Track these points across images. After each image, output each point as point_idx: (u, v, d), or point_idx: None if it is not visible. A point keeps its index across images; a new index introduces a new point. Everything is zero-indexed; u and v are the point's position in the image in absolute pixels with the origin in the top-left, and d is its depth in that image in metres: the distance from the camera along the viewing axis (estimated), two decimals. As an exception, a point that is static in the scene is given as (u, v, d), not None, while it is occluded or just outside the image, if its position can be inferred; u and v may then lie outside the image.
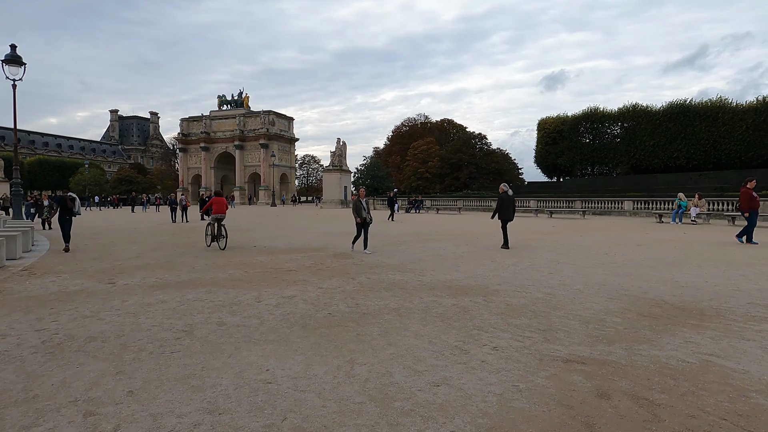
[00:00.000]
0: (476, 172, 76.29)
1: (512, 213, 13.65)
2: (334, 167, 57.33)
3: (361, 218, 12.91)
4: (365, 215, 12.96)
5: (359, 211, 12.96)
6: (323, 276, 9.40)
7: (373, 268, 10.41)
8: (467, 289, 7.95)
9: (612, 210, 31.59)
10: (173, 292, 7.91)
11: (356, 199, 13.18)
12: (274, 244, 15.63)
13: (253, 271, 10.20)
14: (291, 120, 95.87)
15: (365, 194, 13.46)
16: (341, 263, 11.17)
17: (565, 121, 55.13)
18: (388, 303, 6.93)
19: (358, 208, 13.00)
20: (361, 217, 12.92)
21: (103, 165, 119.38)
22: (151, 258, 12.46)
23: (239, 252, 13.62)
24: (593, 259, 11.46)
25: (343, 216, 36.40)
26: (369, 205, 13.34)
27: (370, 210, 13.33)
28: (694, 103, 49.51)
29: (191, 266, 10.94)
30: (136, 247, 15.14)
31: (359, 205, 13.01)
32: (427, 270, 10.01)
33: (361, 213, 12.91)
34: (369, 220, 13.06)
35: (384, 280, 8.88)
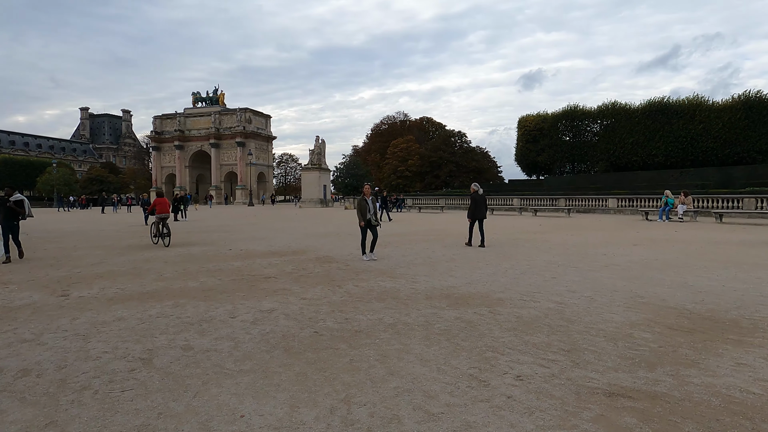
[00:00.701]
0: (456, 170, 75.93)
1: (484, 211, 14.12)
2: (314, 165, 56.18)
3: (365, 220, 11.49)
4: (370, 216, 11.53)
5: (364, 211, 11.47)
6: (306, 284, 8.51)
7: (360, 273, 9.55)
8: (468, 298, 7.16)
9: (596, 208, 31.35)
10: (135, 306, 6.91)
11: (361, 198, 11.69)
12: (251, 247, 14.63)
13: (228, 278, 9.23)
14: (268, 118, 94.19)
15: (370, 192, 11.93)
16: (325, 268, 10.28)
17: (545, 118, 55.03)
18: (382, 317, 6.08)
19: (362, 209, 11.48)
20: (365, 219, 11.49)
21: (74, 164, 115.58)
22: (116, 264, 11.36)
23: (213, 256, 12.60)
24: (593, 260, 10.81)
25: (324, 216, 35.42)
26: (374, 205, 11.85)
27: (376, 211, 11.83)
28: (671, 101, 49.90)
29: (159, 273, 9.91)
30: (100, 252, 13.96)
31: (364, 204, 11.52)
32: (419, 275, 9.19)
33: (366, 214, 11.48)
34: (374, 222, 11.60)
35: (374, 288, 8.03)
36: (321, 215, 36.50)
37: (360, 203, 11.59)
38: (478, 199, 13.95)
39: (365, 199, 11.62)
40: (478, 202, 13.92)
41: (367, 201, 11.55)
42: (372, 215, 11.56)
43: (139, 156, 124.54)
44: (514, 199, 36.36)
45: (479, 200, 13.95)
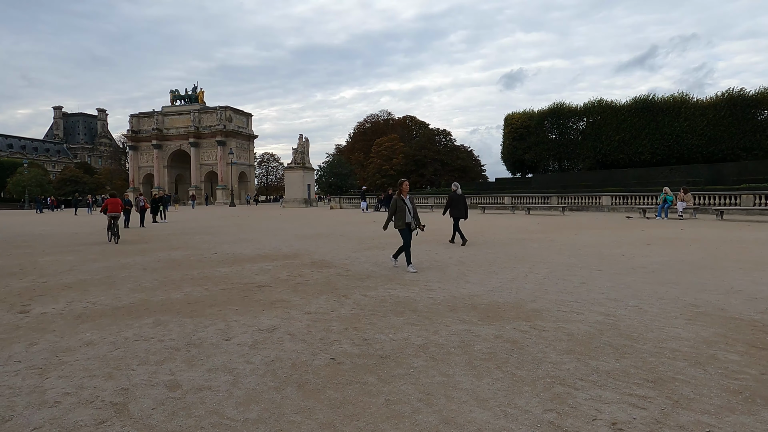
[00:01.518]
0: (441, 168, 75.44)
1: (464, 211, 14.10)
2: (297, 164, 54.87)
3: (404, 223, 9.40)
4: (410, 219, 9.51)
5: (402, 213, 9.44)
6: (307, 293, 7.48)
7: (365, 280, 8.56)
8: (498, 309, 6.23)
9: (589, 206, 30.83)
10: (108, 325, 5.81)
11: (397, 197, 9.55)
12: (238, 251, 13.51)
13: (217, 287, 8.15)
14: (249, 116, 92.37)
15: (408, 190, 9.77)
16: (323, 274, 9.26)
17: (531, 116, 54.61)
18: (407, 336, 5.10)
19: (400, 210, 9.43)
20: (403, 222, 9.41)
21: (47, 165, 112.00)
22: (88, 271, 10.16)
23: (197, 261, 11.46)
24: (614, 262, 9.99)
25: (310, 216, 34.27)
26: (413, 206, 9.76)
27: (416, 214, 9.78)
28: (657, 99, 49.88)
29: (137, 282, 8.78)
30: (71, 258, 12.70)
31: (401, 204, 9.46)
32: (431, 281, 8.24)
33: (405, 216, 9.45)
34: (415, 227, 9.61)
35: (386, 298, 7.05)
36: (307, 215, 35.34)
37: (395, 204, 9.50)
38: (456, 199, 14.06)
39: (402, 198, 9.53)
40: (456, 201, 14.02)
41: (404, 200, 9.51)
42: (413, 218, 9.61)
43: (115, 156, 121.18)
44: (504, 197, 35.67)
45: (457, 199, 14.03)
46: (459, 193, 14.22)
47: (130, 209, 24.49)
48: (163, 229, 22.53)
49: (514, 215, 28.97)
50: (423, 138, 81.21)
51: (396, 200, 9.54)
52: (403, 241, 9.58)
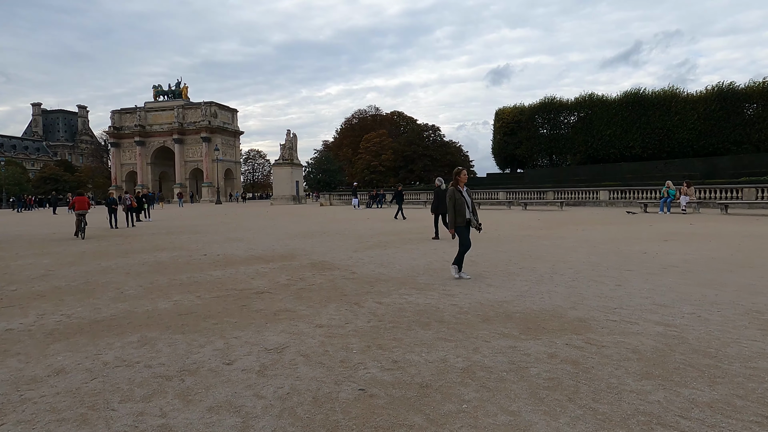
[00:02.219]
0: (431, 164, 74.68)
1: None
2: (285, 161, 53.72)
3: (464, 219, 7.77)
4: (470, 215, 7.84)
5: (461, 208, 7.73)
6: (313, 301, 6.64)
7: (375, 284, 7.74)
8: (536, 319, 5.45)
9: (587, 200, 30.32)
10: (84, 344, 4.92)
11: (453, 189, 7.86)
12: (229, 251, 12.59)
13: (210, 294, 7.26)
14: (235, 112, 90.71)
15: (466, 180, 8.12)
16: (327, 278, 8.42)
17: (522, 111, 54.09)
18: (444, 356, 4.29)
19: (459, 204, 7.72)
20: (463, 218, 7.75)
21: (26, 163, 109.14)
22: (64, 277, 9.19)
23: (186, 264, 10.53)
24: (641, 261, 9.30)
25: (300, 213, 33.31)
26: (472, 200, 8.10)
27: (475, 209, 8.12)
28: (647, 93, 49.66)
29: (119, 289, 7.85)
30: (47, 261, 11.68)
31: (460, 197, 7.76)
32: (450, 285, 7.45)
33: (465, 212, 7.78)
34: (475, 224, 7.91)
35: (404, 305, 6.24)
36: (297, 213, 34.39)
37: (454, 197, 7.77)
38: (440, 194, 13.99)
39: (459, 189, 7.83)
40: (440, 197, 13.87)
41: (461, 192, 7.84)
42: (472, 214, 7.90)
43: (97, 153, 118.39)
44: (499, 192, 35.06)
45: (441, 195, 13.84)
46: (443, 188, 14.09)
47: (116, 208, 22.93)
48: (147, 229, 21.45)
49: (510, 210, 28.33)
50: (412, 134, 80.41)
51: (453, 192, 7.80)
52: (461, 243, 7.89)
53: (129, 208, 23.67)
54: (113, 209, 22.62)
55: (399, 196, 25.00)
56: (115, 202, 23.31)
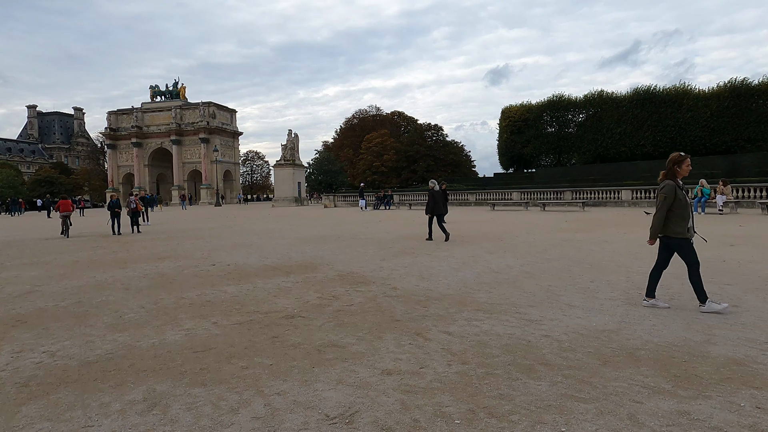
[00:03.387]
0: (434, 164, 73.40)
1: (444, 207, 14.28)
2: (287, 161, 52.28)
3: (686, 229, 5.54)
4: (692, 223, 5.65)
5: (684, 212, 5.53)
6: (360, 329, 5.29)
7: (427, 304, 6.39)
8: (671, 358, 4.11)
9: (607, 200, 28.97)
10: (67, 407, 3.55)
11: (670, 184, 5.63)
12: (240, 260, 11.22)
13: (228, 320, 5.90)
14: (233, 112, 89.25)
15: None
16: (364, 295, 7.06)
17: (530, 109, 52.86)
18: (597, 429, 2.93)
19: (681, 207, 5.54)
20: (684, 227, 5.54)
21: (21, 166, 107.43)
22: (52, 295, 7.81)
23: (193, 276, 9.15)
24: (730, 271, 7.97)
25: (305, 216, 31.92)
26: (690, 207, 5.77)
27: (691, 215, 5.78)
28: (658, 90, 48.49)
29: (117, 312, 6.48)
30: (34, 273, 10.29)
31: (682, 196, 5.58)
32: (521, 305, 6.11)
33: (688, 217, 5.57)
34: (690, 234, 5.59)
35: (481, 336, 4.89)
36: (301, 215, 33.01)
37: (675, 195, 5.54)
38: (436, 195, 13.96)
39: (680, 185, 5.63)
40: (436, 198, 13.91)
41: (684, 192, 5.66)
42: (692, 222, 5.69)
43: (93, 156, 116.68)
44: (513, 193, 33.68)
45: (437, 196, 13.94)
46: (437, 189, 14.17)
47: (119, 212, 20.23)
48: (146, 234, 20.04)
49: (528, 212, 26.99)
50: (414, 133, 79.12)
51: (672, 189, 5.54)
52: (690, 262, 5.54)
53: (134, 213, 20.85)
54: (116, 213, 19.94)
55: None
56: (118, 205, 20.57)
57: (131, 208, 20.96)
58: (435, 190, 14.11)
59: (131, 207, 20.97)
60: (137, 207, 21.02)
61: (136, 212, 20.94)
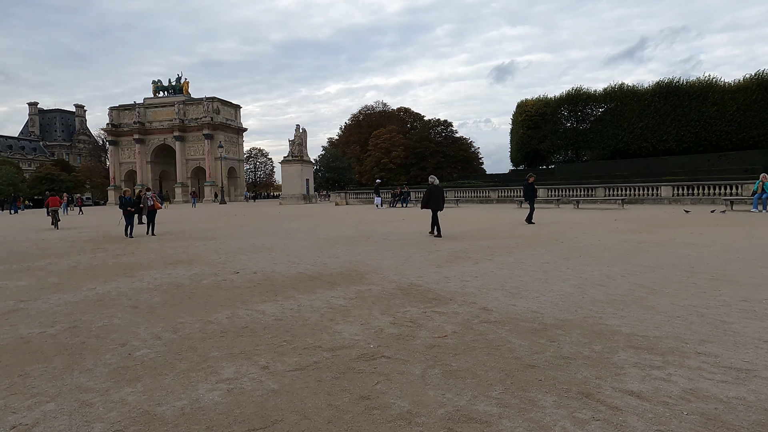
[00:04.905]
0: (444, 161, 71.63)
1: (441, 203, 14.04)
2: (294, 157, 50.50)
3: None
4: None
5: None
6: (489, 385, 3.54)
7: (548, 334, 4.66)
8: None
9: (645, 197, 27.12)
10: None
11: None
12: (266, 266, 9.47)
13: (283, 364, 4.15)
14: (238, 108, 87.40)
15: None
16: (453, 319, 5.33)
17: (547, 103, 50.95)
18: None
19: None
20: None
21: (22, 163, 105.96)
22: (39, 315, 6.08)
23: (216, 288, 7.39)
24: None
25: (317, 214, 30.16)
26: None
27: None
28: (683, 83, 46.57)
29: (123, 345, 4.75)
30: (23, 283, 8.56)
31: None
32: (689, 339, 4.35)
33: None
34: None
35: (693, 401, 3.14)
36: (314, 213, 31.27)
37: None
38: (434, 191, 13.89)
39: None
40: (434, 194, 13.83)
41: None
42: None
43: (95, 153, 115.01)
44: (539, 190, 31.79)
45: (435, 192, 13.87)
46: (436, 185, 14.14)
47: (133, 211, 17.01)
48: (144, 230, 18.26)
49: (561, 209, 25.19)
50: (424, 129, 77.29)
51: None
52: None
53: (150, 212, 17.66)
54: (130, 213, 16.65)
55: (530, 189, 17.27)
56: (131, 203, 16.97)
57: (148, 206, 17.72)
58: (434, 185, 13.98)
59: (148, 205, 17.72)
60: (155, 205, 17.97)
61: (154, 211, 17.82)
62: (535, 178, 17.91)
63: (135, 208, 17.37)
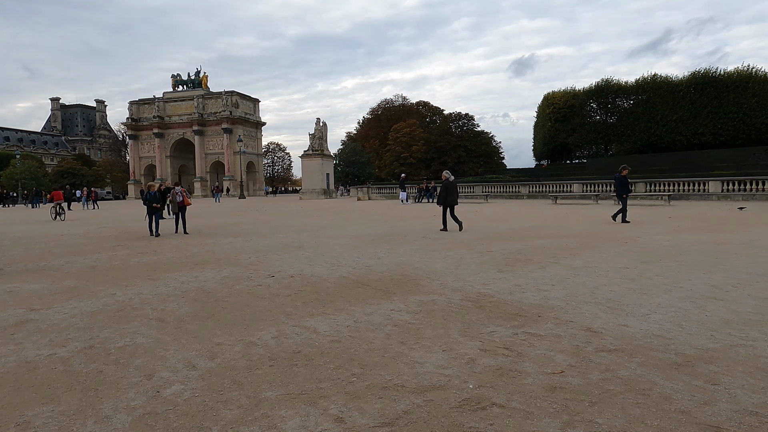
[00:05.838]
0: (465, 155, 70.16)
1: (455, 198, 14.04)
2: (315, 151, 49.60)
3: None
4: None
5: None
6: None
7: (699, 373, 3.53)
8: None
9: (691, 193, 25.52)
10: None
11: None
12: (304, 268, 8.47)
13: (361, 413, 3.11)
14: (256, 102, 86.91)
15: None
16: (558, 346, 4.24)
17: (575, 95, 49.19)
18: None
19: None
20: None
21: (45, 158, 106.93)
22: (51, 329, 5.14)
23: (251, 295, 6.39)
24: None
25: (341, 209, 29.20)
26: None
27: None
28: (720, 73, 44.46)
29: (150, 379, 3.78)
30: (36, 286, 7.67)
31: None
32: None
33: None
34: None
35: None
36: (337, 208, 30.32)
37: None
38: (449, 186, 13.86)
39: None
40: (449, 189, 13.81)
41: None
42: None
43: (115, 147, 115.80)
44: (573, 185, 30.43)
45: (450, 187, 13.85)
46: (451, 179, 14.15)
47: (158, 207, 15.31)
48: (172, 229, 17.44)
49: (600, 206, 23.82)
50: (444, 123, 75.83)
51: None
52: None
53: (180, 207, 15.81)
54: (155, 209, 14.94)
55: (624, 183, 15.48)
56: (156, 199, 15.11)
57: (178, 201, 15.85)
58: (449, 181, 13.95)
59: (178, 201, 15.85)
60: (185, 200, 16.05)
61: (184, 207, 15.92)
62: (629, 171, 16.07)
63: (161, 204, 16.12)
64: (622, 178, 15.40)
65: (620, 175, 15.48)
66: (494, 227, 14.93)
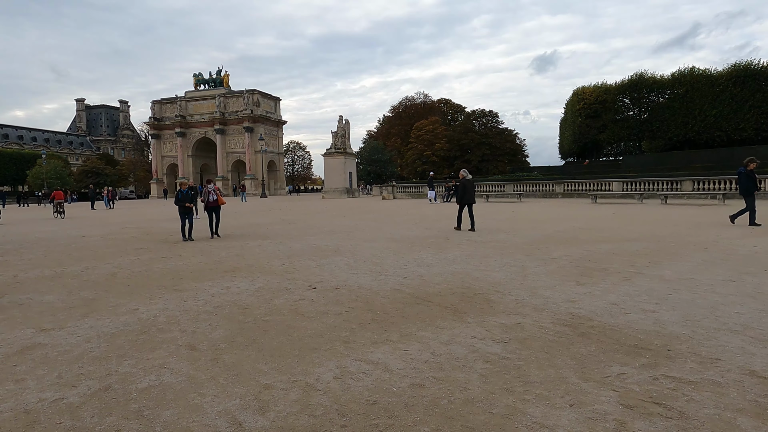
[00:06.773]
0: (489, 153, 68.66)
1: (473, 196, 14.02)
2: (337, 150, 48.73)
3: None
4: None
5: None
6: None
7: None
8: None
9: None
10: None
11: None
12: (348, 278, 7.46)
13: None
14: (277, 101, 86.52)
15: None
16: (723, 395, 3.12)
17: (607, 90, 47.36)
18: None
19: None
20: None
21: (70, 157, 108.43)
22: (61, 359, 4.22)
23: (296, 314, 5.40)
24: None
25: (367, 208, 28.19)
26: None
27: None
28: (762, 65, 42.24)
29: (184, 442, 2.74)
30: (51, 297, 6.82)
31: None
32: None
33: None
34: None
35: None
36: (364, 208, 29.34)
37: None
38: (467, 185, 13.84)
39: None
40: (467, 188, 13.79)
41: None
42: None
43: (138, 147, 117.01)
44: (613, 183, 28.93)
45: (468, 186, 13.84)
46: (469, 178, 14.12)
47: (191, 207, 13.65)
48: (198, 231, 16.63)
49: (646, 205, 22.34)
50: (468, 120, 74.38)
51: None
52: None
53: (214, 208, 14.04)
54: (187, 209, 13.31)
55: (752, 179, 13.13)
56: (189, 198, 13.51)
57: (211, 201, 13.94)
58: (467, 179, 13.92)
59: (209, 200, 13.93)
60: (219, 200, 14.12)
61: (218, 207, 14.15)
62: (757, 165, 13.38)
63: (194, 203, 14.69)
64: (749, 173, 13.00)
65: (746, 170, 13.08)
66: (541, 229, 13.76)
